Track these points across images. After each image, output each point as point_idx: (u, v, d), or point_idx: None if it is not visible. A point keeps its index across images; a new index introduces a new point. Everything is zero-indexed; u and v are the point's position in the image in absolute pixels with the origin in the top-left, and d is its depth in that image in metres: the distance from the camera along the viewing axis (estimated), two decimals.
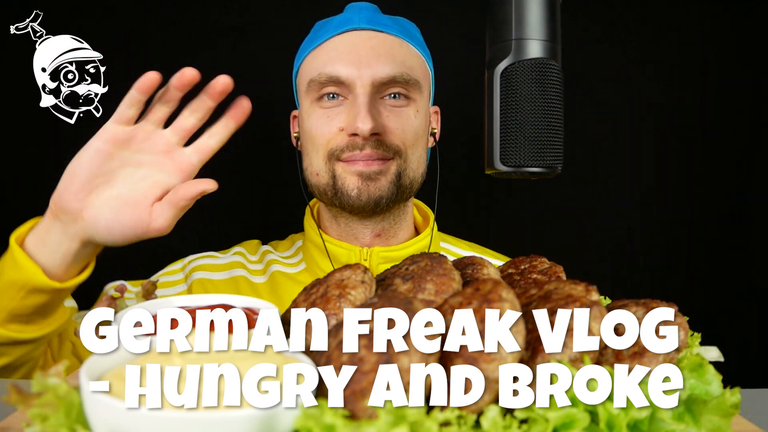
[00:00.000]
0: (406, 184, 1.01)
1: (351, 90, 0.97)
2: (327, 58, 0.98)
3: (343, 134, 0.97)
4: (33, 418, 0.43)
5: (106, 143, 0.73)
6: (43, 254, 0.75)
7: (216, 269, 1.07)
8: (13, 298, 0.74)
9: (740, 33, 1.56)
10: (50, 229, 0.75)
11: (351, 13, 1.02)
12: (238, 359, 0.46)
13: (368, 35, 0.99)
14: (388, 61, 0.97)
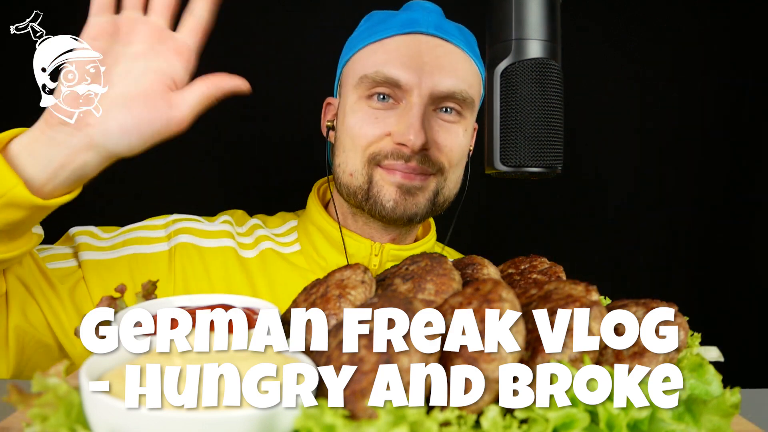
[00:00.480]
0: (441, 202, 0.99)
1: (406, 96, 0.93)
2: (387, 57, 0.94)
3: (388, 140, 0.93)
4: (33, 418, 0.43)
5: (95, 39, 0.68)
6: (30, 166, 0.67)
7: (204, 235, 0.99)
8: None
9: (740, 33, 1.56)
10: (43, 140, 0.68)
11: (418, 13, 0.98)
12: (238, 359, 0.46)
13: (435, 42, 0.95)
14: (450, 75, 0.93)
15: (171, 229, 0.99)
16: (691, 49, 1.56)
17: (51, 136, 0.68)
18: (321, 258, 1.01)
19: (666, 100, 1.58)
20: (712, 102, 1.57)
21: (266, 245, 1.02)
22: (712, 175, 1.58)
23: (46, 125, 0.68)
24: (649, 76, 1.57)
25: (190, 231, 0.99)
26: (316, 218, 1.02)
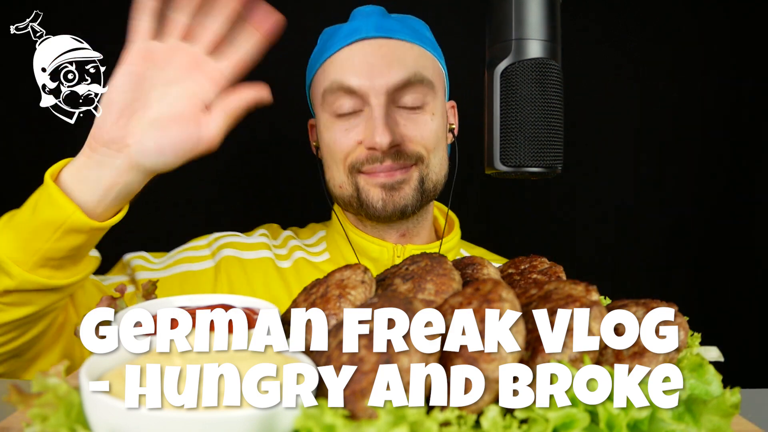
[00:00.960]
0: (430, 188, 1.02)
1: (366, 101, 0.97)
2: (340, 69, 0.98)
3: (362, 147, 0.98)
4: (33, 418, 0.43)
5: (136, 64, 0.72)
6: (82, 192, 0.72)
7: (245, 248, 1.06)
8: (48, 240, 0.71)
9: (740, 33, 1.56)
10: (89, 165, 0.73)
11: (358, 21, 1.01)
12: (238, 359, 0.46)
13: (378, 43, 0.99)
14: (400, 67, 0.97)
15: (214, 246, 1.06)
16: (691, 49, 1.56)
17: (96, 160, 0.72)
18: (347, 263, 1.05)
19: (666, 100, 1.58)
20: (712, 102, 1.57)
21: (299, 255, 1.08)
22: (712, 175, 1.58)
23: (90, 150, 0.73)
24: (649, 76, 1.57)
25: (232, 245, 1.06)
26: (338, 228, 1.08)
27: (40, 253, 0.72)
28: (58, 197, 0.71)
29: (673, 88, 1.57)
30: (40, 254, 0.72)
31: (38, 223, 0.71)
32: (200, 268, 1.03)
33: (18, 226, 0.73)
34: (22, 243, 0.72)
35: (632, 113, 1.58)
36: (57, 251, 0.73)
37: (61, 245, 0.72)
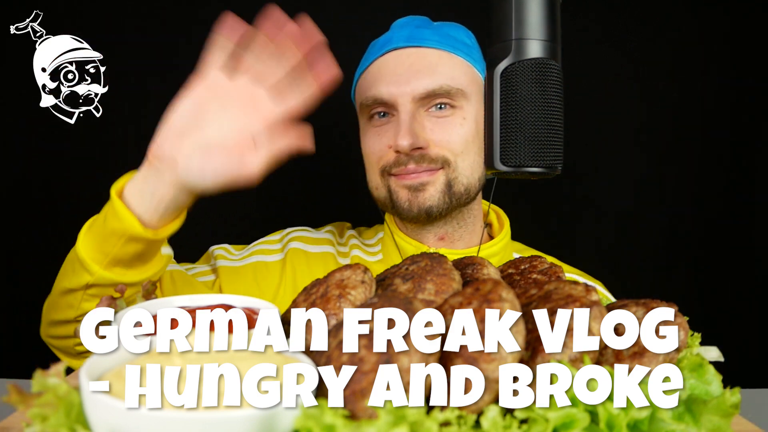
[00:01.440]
0: (461, 191, 1.03)
1: (396, 108, 1.01)
2: (372, 80, 1.04)
3: (391, 151, 1.02)
4: (33, 418, 0.43)
5: (201, 94, 0.77)
6: (140, 204, 0.78)
7: (311, 242, 1.13)
8: (115, 245, 0.79)
9: (740, 33, 1.56)
10: (146, 178, 0.78)
11: (393, 32, 1.07)
12: (238, 359, 0.46)
13: (407, 53, 1.03)
14: (427, 76, 1.00)
15: (285, 239, 1.13)
16: (691, 49, 1.56)
17: (152, 174, 0.78)
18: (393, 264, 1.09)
19: (666, 100, 1.58)
20: (712, 102, 1.56)
21: (355, 253, 1.14)
22: (712, 175, 1.58)
23: (148, 164, 0.78)
24: (649, 76, 1.57)
25: (300, 239, 1.13)
26: (386, 230, 1.14)
27: (111, 255, 0.79)
28: (119, 209, 0.77)
29: (673, 88, 1.56)
30: (111, 256, 0.80)
31: (108, 231, 0.79)
32: (272, 260, 1.09)
33: (95, 230, 0.81)
34: (97, 245, 0.80)
35: (632, 113, 1.58)
36: (124, 254, 0.80)
37: (126, 250, 0.79)
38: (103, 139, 1.42)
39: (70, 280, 0.83)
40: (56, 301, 0.86)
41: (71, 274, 0.83)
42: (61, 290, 0.84)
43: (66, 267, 0.86)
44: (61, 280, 0.86)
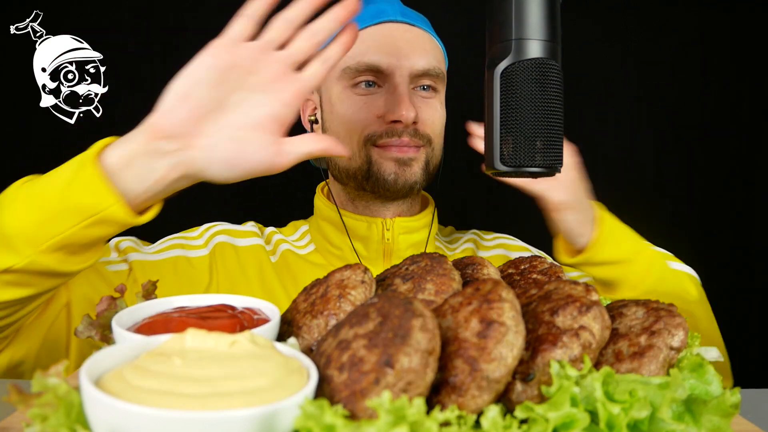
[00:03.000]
0: (431, 171, 1.06)
1: (388, 79, 1.01)
2: (365, 47, 1.00)
3: (380, 121, 1.01)
4: (33, 418, 0.43)
5: (221, 57, 0.65)
6: (128, 180, 0.65)
7: (237, 235, 1.08)
8: (73, 225, 0.65)
9: (740, 33, 1.56)
10: (142, 153, 0.65)
11: (383, 5, 1.05)
12: (238, 359, 0.46)
13: (404, 28, 1.03)
14: (423, 55, 1.02)
15: (207, 235, 1.07)
16: (691, 49, 1.56)
17: (153, 149, 0.65)
18: (336, 248, 1.07)
19: (666, 100, 1.58)
20: (712, 102, 1.57)
21: (284, 247, 1.10)
22: (712, 174, 1.58)
23: (147, 137, 0.66)
24: (649, 76, 1.57)
25: (225, 232, 1.08)
26: (325, 213, 1.09)
27: (60, 237, 0.66)
28: (98, 184, 0.64)
29: (673, 88, 1.57)
30: (58, 238, 0.66)
31: (68, 206, 0.65)
32: (195, 256, 1.02)
33: (42, 202, 0.65)
34: (41, 222, 0.65)
35: (632, 113, 1.58)
36: (79, 238, 0.66)
37: (86, 233, 0.66)
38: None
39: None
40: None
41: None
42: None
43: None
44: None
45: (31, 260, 0.66)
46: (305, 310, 0.62)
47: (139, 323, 0.60)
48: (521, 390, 0.50)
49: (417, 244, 1.08)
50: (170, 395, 0.42)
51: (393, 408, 0.42)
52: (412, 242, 1.07)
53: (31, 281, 0.69)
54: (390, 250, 1.05)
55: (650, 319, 0.57)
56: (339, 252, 1.07)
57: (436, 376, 0.47)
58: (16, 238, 0.65)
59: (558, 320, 0.52)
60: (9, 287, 0.68)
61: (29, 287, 0.70)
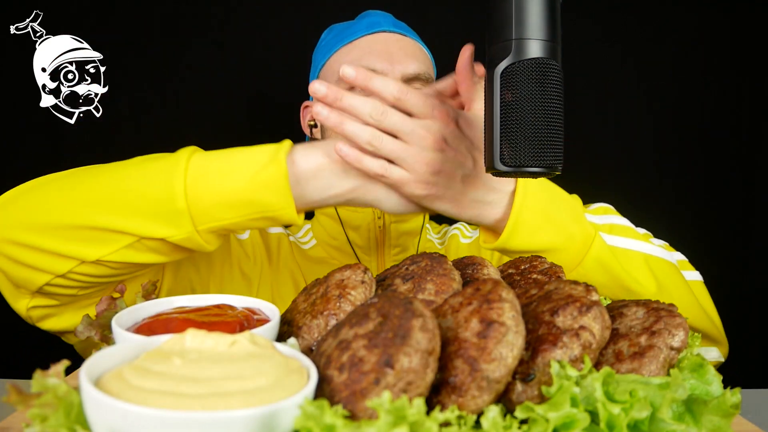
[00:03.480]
0: None
1: None
2: (362, 53, 1.06)
3: None
4: (33, 418, 0.43)
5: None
6: (309, 187, 0.72)
7: None
8: (242, 216, 0.70)
9: (740, 33, 1.56)
10: (335, 167, 0.72)
11: (375, 17, 1.12)
12: (238, 359, 0.46)
13: (396, 37, 1.09)
14: (414, 61, 1.07)
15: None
16: (691, 49, 1.56)
17: (346, 169, 0.73)
18: (333, 239, 1.13)
19: (666, 100, 1.58)
20: (712, 102, 1.57)
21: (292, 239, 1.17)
22: (712, 175, 1.58)
23: (331, 160, 0.72)
24: (649, 76, 1.57)
25: None
26: (324, 209, 1.15)
27: (225, 223, 0.70)
28: (283, 185, 0.68)
29: (673, 88, 1.57)
30: (223, 224, 0.70)
31: (247, 197, 0.69)
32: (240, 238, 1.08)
33: (221, 186, 0.69)
34: (215, 205, 0.69)
35: (632, 113, 1.58)
36: (237, 227, 0.71)
37: (247, 224, 0.71)
38: (103, 139, 1.42)
39: (132, 217, 0.69)
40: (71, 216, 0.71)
41: (144, 213, 0.69)
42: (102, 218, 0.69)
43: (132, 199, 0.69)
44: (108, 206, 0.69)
45: (187, 237, 0.69)
46: (305, 310, 0.62)
47: (139, 323, 0.60)
48: (521, 390, 0.50)
49: (409, 232, 1.12)
50: (170, 395, 0.42)
51: (393, 408, 0.42)
52: (403, 230, 1.11)
53: (171, 252, 0.73)
54: (382, 238, 1.10)
55: (650, 319, 0.57)
56: (336, 243, 1.13)
57: (436, 376, 0.47)
58: (184, 214, 0.68)
59: (558, 320, 0.51)
60: (150, 253, 0.72)
61: (166, 256, 0.74)
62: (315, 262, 1.13)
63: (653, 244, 0.90)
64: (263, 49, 1.50)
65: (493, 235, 0.81)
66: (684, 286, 0.89)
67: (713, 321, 0.93)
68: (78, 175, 0.76)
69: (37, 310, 0.80)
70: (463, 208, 0.77)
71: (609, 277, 0.82)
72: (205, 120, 1.54)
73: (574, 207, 0.84)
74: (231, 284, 1.03)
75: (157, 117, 1.52)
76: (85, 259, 0.71)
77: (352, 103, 0.71)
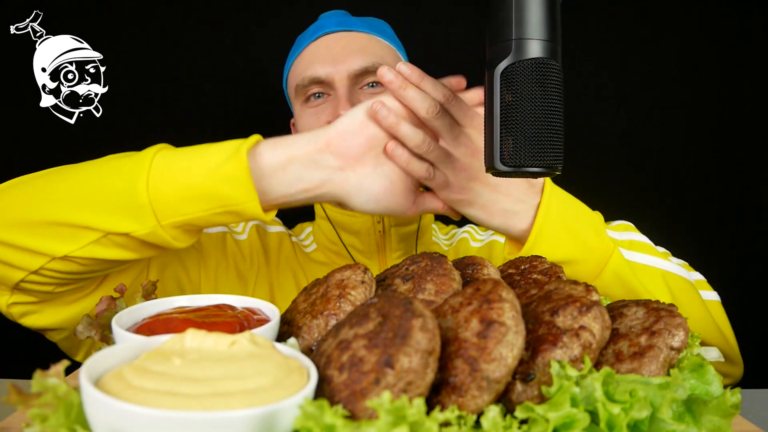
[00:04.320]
0: None
1: (332, 86, 1.04)
2: (307, 62, 1.06)
3: None
4: (33, 418, 0.43)
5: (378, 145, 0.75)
6: (276, 181, 0.71)
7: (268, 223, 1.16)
8: (205, 210, 0.69)
9: (740, 33, 1.56)
10: (304, 159, 0.72)
11: (323, 20, 1.11)
12: (238, 359, 0.46)
13: (339, 36, 1.07)
14: (360, 55, 1.04)
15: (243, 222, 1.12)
16: (692, 49, 1.56)
17: (316, 159, 0.72)
18: (333, 243, 1.12)
19: (666, 100, 1.58)
20: (713, 102, 1.57)
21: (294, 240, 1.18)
22: (713, 174, 1.58)
23: (317, 148, 0.72)
24: (649, 76, 1.57)
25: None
26: (321, 212, 1.15)
27: (188, 217, 0.70)
28: (245, 178, 0.68)
29: (674, 87, 1.57)
30: (186, 218, 0.70)
31: (208, 191, 0.68)
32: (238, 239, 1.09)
33: (183, 180, 0.69)
34: (177, 200, 0.69)
35: (632, 113, 1.58)
36: (203, 222, 0.71)
37: (212, 219, 0.70)
38: (103, 139, 1.42)
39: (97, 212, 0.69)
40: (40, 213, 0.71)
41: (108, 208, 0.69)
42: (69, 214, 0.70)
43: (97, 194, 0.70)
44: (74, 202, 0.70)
45: (151, 231, 0.69)
46: (305, 311, 0.62)
47: (139, 323, 0.60)
48: (521, 390, 0.50)
49: (409, 235, 1.11)
50: (170, 395, 0.42)
51: (393, 408, 0.42)
52: (404, 234, 1.10)
53: (139, 249, 0.73)
54: (383, 242, 1.09)
55: (650, 319, 0.57)
56: (335, 248, 1.12)
57: (436, 376, 0.47)
58: (146, 208, 0.68)
59: (558, 320, 0.51)
60: (117, 248, 0.72)
61: (134, 253, 0.74)
62: (317, 263, 1.14)
63: (671, 262, 0.91)
64: (264, 49, 1.50)
65: (517, 245, 0.84)
66: (700, 304, 0.90)
67: (729, 342, 0.93)
68: (49, 174, 0.77)
69: (17, 307, 0.81)
70: (492, 216, 0.79)
71: (626, 291, 0.84)
72: (204, 120, 1.54)
73: (595, 222, 0.85)
74: (226, 284, 1.03)
75: (157, 117, 1.52)
76: (54, 254, 0.72)
77: (415, 96, 0.73)
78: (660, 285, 0.86)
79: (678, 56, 1.56)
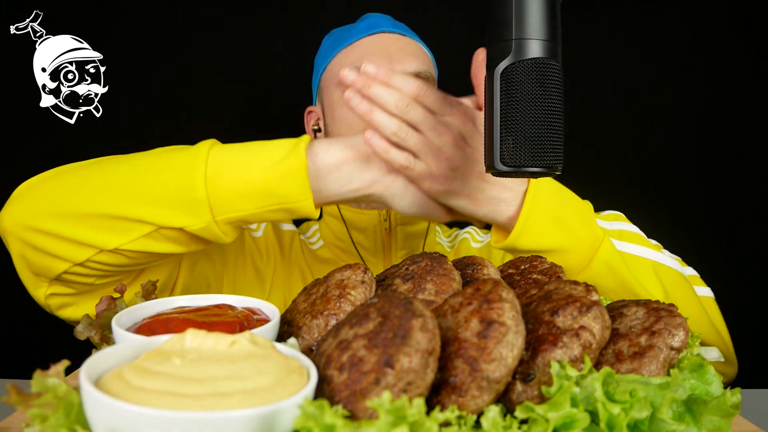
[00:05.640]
0: None
1: None
2: (362, 54, 1.07)
3: None
4: (33, 418, 0.43)
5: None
6: (330, 180, 0.73)
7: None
8: (261, 207, 0.71)
9: (739, 33, 1.56)
10: (358, 160, 0.74)
11: (376, 19, 1.13)
12: (238, 359, 0.46)
13: (395, 37, 1.10)
14: (414, 59, 1.07)
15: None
16: (691, 49, 1.56)
17: (369, 161, 0.74)
18: (340, 240, 1.13)
19: (666, 100, 1.58)
20: (713, 102, 1.57)
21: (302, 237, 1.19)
22: (713, 174, 1.58)
23: (368, 150, 0.74)
24: (649, 75, 1.57)
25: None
26: (329, 208, 1.16)
27: (243, 214, 0.70)
28: (302, 177, 0.69)
29: (674, 87, 1.57)
30: (241, 215, 0.71)
31: (265, 188, 0.69)
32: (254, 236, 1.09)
33: (240, 177, 0.69)
34: (234, 196, 0.70)
35: (632, 113, 1.58)
36: (255, 218, 0.72)
37: (265, 216, 0.71)
38: (103, 139, 1.42)
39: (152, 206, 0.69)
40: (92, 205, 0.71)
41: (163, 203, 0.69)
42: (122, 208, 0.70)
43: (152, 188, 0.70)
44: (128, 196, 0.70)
45: (205, 227, 0.70)
46: (305, 310, 0.62)
47: (139, 323, 0.60)
48: (521, 390, 0.50)
49: (416, 234, 1.12)
50: (170, 395, 0.42)
51: (393, 408, 0.42)
52: (410, 233, 1.11)
53: (188, 243, 0.74)
54: (389, 240, 1.10)
55: (650, 319, 0.57)
56: (342, 244, 1.13)
57: (436, 376, 0.47)
58: (202, 204, 0.69)
59: (558, 320, 0.51)
60: (167, 242, 0.73)
61: (182, 246, 0.75)
62: (323, 262, 1.14)
63: (664, 254, 0.91)
64: (265, 50, 1.51)
65: (503, 233, 0.83)
66: (693, 297, 0.89)
67: (723, 338, 0.92)
68: (98, 164, 0.77)
69: (55, 298, 0.80)
70: (478, 205, 0.78)
71: (616, 281, 0.83)
72: (205, 121, 1.54)
73: (584, 211, 0.85)
74: (244, 280, 1.03)
75: (157, 117, 1.52)
76: (103, 247, 0.72)
77: (379, 92, 0.73)
78: (651, 276, 0.85)
79: (678, 56, 1.56)
